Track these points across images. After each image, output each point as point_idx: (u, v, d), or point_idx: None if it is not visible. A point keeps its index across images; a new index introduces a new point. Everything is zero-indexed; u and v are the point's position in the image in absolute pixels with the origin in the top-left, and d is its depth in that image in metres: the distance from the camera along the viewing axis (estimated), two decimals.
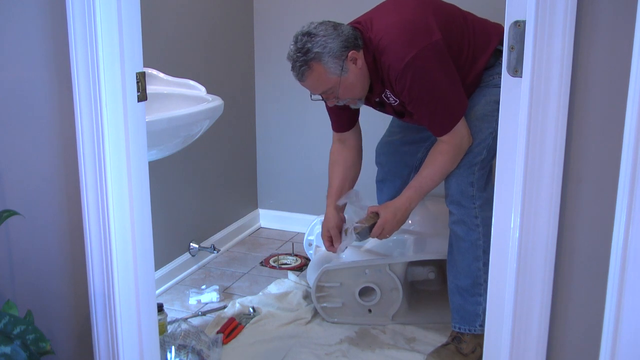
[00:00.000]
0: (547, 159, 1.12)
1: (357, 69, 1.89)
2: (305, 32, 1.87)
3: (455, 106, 1.89)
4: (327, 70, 1.87)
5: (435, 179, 1.97)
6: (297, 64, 1.87)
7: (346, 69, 1.87)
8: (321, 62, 1.86)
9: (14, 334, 1.26)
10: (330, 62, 1.86)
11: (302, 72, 1.88)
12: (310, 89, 1.95)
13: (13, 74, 1.45)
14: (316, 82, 1.90)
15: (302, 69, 1.87)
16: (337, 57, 1.86)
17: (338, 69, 1.87)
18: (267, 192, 3.29)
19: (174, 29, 2.54)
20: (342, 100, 1.98)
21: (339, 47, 1.85)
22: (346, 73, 1.88)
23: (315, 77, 1.89)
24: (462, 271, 2.00)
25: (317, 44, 1.84)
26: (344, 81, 1.89)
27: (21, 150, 1.49)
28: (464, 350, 2.02)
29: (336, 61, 1.86)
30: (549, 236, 1.14)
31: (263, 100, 3.17)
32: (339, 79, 1.88)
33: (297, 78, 1.91)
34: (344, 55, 1.86)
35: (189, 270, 2.73)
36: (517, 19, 1.11)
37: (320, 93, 1.95)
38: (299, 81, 1.92)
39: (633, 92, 1.01)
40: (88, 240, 1.43)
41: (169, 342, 1.92)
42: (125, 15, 1.32)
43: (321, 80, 1.89)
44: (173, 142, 1.98)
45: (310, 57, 1.85)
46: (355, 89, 1.94)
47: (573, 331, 1.19)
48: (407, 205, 1.99)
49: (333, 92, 1.93)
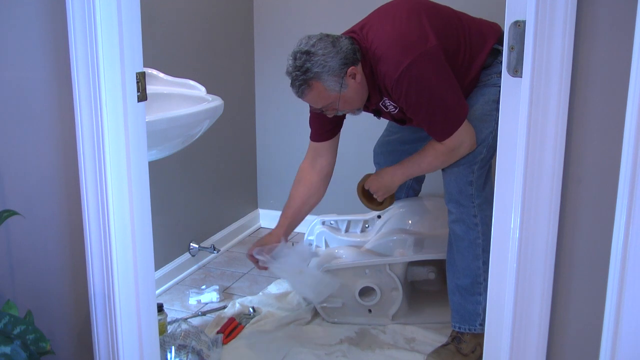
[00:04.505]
0: (547, 159, 1.12)
1: (356, 83, 1.88)
2: (304, 50, 1.84)
3: (454, 111, 1.88)
4: (327, 88, 1.86)
5: (423, 168, 2.04)
6: (296, 83, 1.86)
7: (345, 85, 1.87)
8: (320, 80, 1.84)
9: (14, 334, 1.26)
10: (329, 81, 1.85)
11: (302, 91, 1.87)
12: (310, 104, 1.96)
13: (13, 74, 1.45)
14: (316, 98, 1.90)
15: (301, 87, 1.86)
16: (337, 75, 1.84)
17: (337, 86, 1.86)
18: (267, 192, 3.29)
19: (174, 29, 2.53)
20: (341, 112, 1.99)
21: (338, 65, 1.83)
22: (345, 89, 1.87)
23: (315, 95, 1.88)
24: (461, 270, 2.00)
25: (317, 64, 1.82)
26: (343, 96, 1.89)
27: (21, 150, 1.49)
28: (463, 350, 2.02)
29: (335, 79, 1.85)
30: (549, 236, 1.14)
31: (263, 100, 3.17)
32: (338, 95, 1.88)
33: (297, 95, 1.91)
34: (343, 72, 1.85)
35: (189, 270, 2.73)
36: (517, 19, 1.11)
37: (320, 108, 1.95)
38: (298, 97, 1.92)
39: (633, 92, 1.01)
40: (88, 240, 1.43)
41: (169, 342, 1.92)
42: (125, 15, 1.32)
43: (321, 97, 1.89)
44: (173, 142, 1.98)
45: (310, 77, 1.84)
46: (354, 102, 1.94)
47: (573, 331, 1.19)
48: (390, 177, 2.09)
49: (332, 107, 1.93)
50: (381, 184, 2.12)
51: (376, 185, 2.13)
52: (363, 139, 2.68)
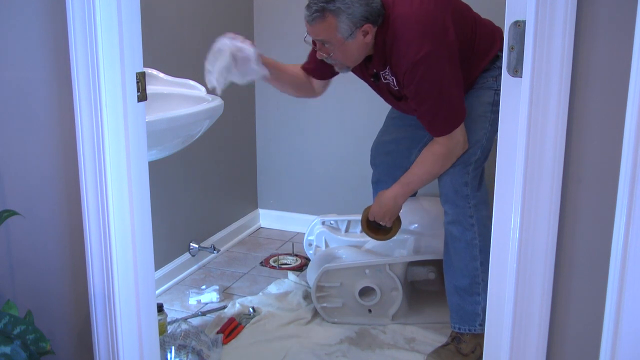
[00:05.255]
0: (547, 159, 1.12)
1: (364, 41, 1.87)
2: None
3: (457, 110, 1.90)
4: (338, 27, 1.83)
5: (424, 178, 2.01)
6: (313, 7, 1.83)
7: (354, 36, 1.85)
8: (337, 17, 1.82)
9: (14, 334, 1.26)
10: (344, 23, 1.82)
11: (314, 18, 1.83)
12: (311, 33, 1.91)
13: (13, 74, 1.45)
14: (321, 30, 1.86)
15: (315, 13, 1.83)
16: (353, 23, 1.82)
17: (347, 33, 1.84)
18: (267, 192, 3.29)
19: (174, 29, 2.53)
20: (332, 59, 1.95)
21: (360, 14, 1.82)
22: (352, 40, 1.85)
23: (323, 27, 1.85)
24: (459, 271, 2.00)
25: (343, 2, 1.80)
26: (345, 45, 1.87)
27: (21, 151, 1.49)
28: (463, 351, 2.02)
29: (350, 25, 1.83)
30: (549, 236, 1.14)
31: (263, 100, 3.17)
32: (343, 40, 1.86)
33: (307, 19, 1.86)
34: (360, 24, 1.83)
35: (189, 270, 2.73)
36: (517, 19, 1.11)
37: (318, 40, 1.91)
38: (307, 22, 1.87)
39: (633, 92, 1.01)
40: (88, 240, 1.43)
41: (169, 342, 1.92)
42: (125, 15, 1.32)
43: (327, 32, 1.85)
44: (173, 142, 1.98)
45: (330, 8, 1.81)
46: (350, 57, 1.92)
47: (573, 331, 1.19)
48: (392, 200, 2.07)
49: (329, 48, 1.90)
50: (385, 209, 2.08)
51: (380, 212, 2.10)
52: (362, 139, 2.68)
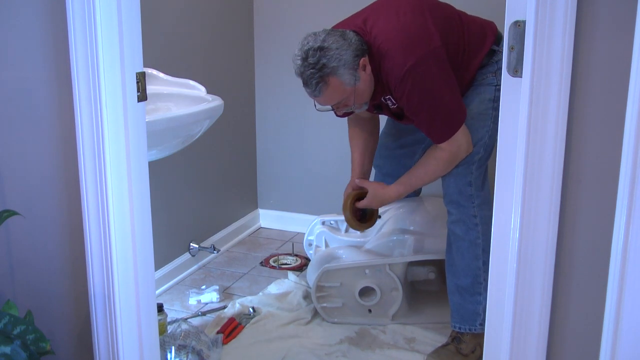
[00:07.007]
0: (547, 159, 1.12)
1: (366, 75, 1.86)
2: (316, 47, 1.80)
3: (454, 114, 1.88)
4: (343, 82, 1.83)
5: (426, 180, 2.03)
6: (312, 81, 1.82)
7: (358, 77, 1.85)
8: (337, 75, 1.81)
9: (14, 334, 1.26)
10: (345, 74, 1.82)
11: (320, 89, 1.83)
12: (323, 102, 1.91)
13: (13, 74, 1.45)
14: (332, 95, 1.86)
15: (319, 85, 1.82)
16: (351, 68, 1.82)
17: (352, 80, 1.84)
18: (267, 192, 3.29)
19: (174, 29, 2.53)
20: (352, 107, 1.95)
21: (351, 57, 1.81)
22: (359, 81, 1.85)
23: (332, 91, 1.85)
24: (461, 270, 2.00)
25: (333, 59, 1.79)
26: (357, 89, 1.86)
27: (21, 150, 1.49)
28: (463, 351, 2.02)
29: (351, 72, 1.82)
30: (549, 236, 1.15)
31: (263, 100, 3.17)
32: (353, 88, 1.85)
33: (313, 95, 1.86)
34: (357, 64, 1.83)
35: (189, 270, 2.73)
36: (517, 19, 1.11)
37: (333, 105, 1.92)
38: (314, 97, 1.88)
39: (633, 92, 1.01)
40: (88, 240, 1.43)
41: (169, 342, 1.92)
42: (125, 16, 1.32)
43: (337, 92, 1.86)
44: (173, 142, 1.98)
45: (327, 72, 1.81)
46: (365, 95, 1.92)
47: (573, 331, 1.19)
48: (394, 199, 2.11)
49: (345, 102, 1.90)
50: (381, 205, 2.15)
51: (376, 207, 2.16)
52: None
